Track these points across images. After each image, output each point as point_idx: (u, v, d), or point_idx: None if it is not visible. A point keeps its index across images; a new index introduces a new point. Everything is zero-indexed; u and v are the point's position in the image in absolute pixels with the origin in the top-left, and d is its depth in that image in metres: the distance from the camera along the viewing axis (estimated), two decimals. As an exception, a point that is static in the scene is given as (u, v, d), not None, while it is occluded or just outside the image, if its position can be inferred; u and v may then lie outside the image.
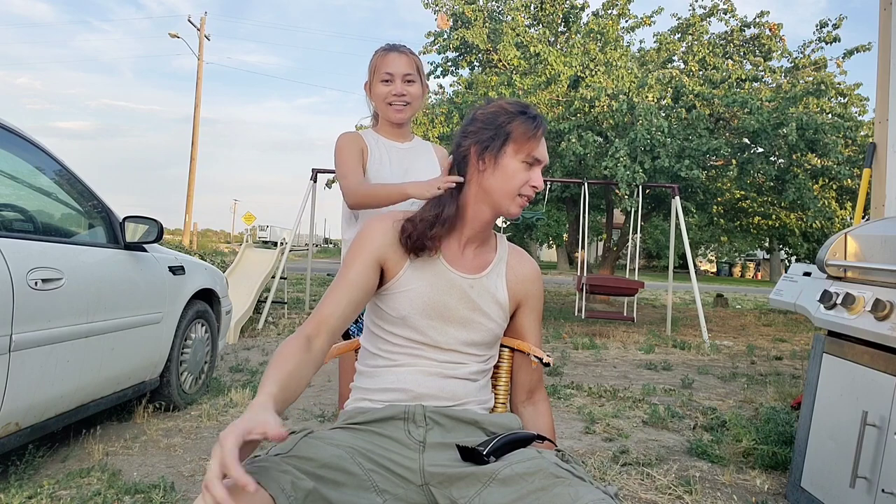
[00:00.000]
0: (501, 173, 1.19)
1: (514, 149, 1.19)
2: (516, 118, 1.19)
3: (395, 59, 1.73)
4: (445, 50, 10.88)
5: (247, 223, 26.24)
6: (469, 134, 1.23)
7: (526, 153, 1.19)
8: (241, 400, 3.58)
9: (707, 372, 5.35)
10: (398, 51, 1.76)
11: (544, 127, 1.22)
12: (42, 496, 2.17)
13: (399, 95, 1.73)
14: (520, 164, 1.19)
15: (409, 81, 1.74)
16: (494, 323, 1.26)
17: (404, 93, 1.73)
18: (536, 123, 1.20)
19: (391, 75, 1.72)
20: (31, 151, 2.48)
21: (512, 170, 1.19)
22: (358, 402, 1.25)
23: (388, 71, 1.72)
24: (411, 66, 1.75)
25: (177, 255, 3.37)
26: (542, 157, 1.21)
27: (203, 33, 22.41)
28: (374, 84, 1.77)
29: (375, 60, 1.77)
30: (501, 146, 1.19)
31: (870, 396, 2.04)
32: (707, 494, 2.51)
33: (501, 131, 1.19)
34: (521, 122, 1.19)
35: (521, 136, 1.18)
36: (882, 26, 3.20)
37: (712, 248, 27.66)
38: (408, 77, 1.74)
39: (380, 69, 1.74)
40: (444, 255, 1.24)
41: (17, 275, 2.05)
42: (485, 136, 1.20)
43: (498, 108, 1.22)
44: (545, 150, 1.23)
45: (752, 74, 9.91)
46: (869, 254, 2.19)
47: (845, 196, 10.15)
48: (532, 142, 1.19)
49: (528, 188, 1.21)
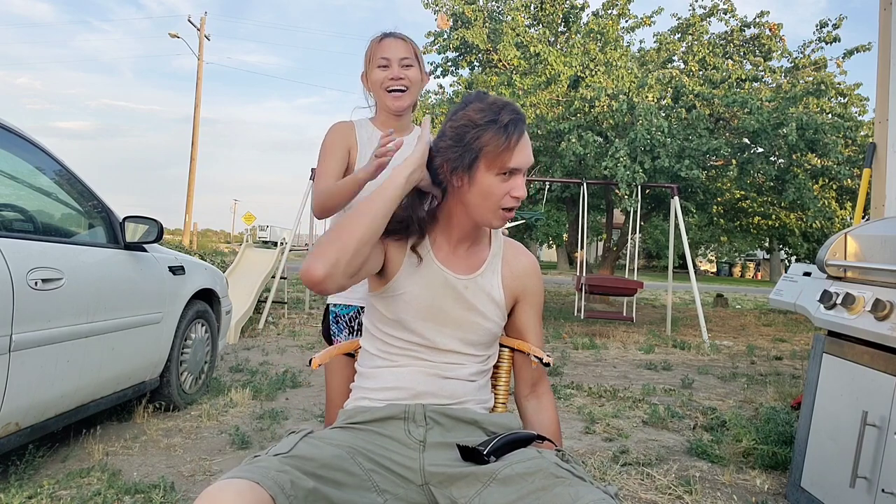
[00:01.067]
0: (477, 190, 1.13)
1: (487, 164, 1.11)
2: (486, 131, 1.10)
3: (391, 44, 1.65)
4: (445, 50, 10.88)
5: (247, 223, 26.23)
6: (440, 151, 1.16)
7: (499, 167, 1.12)
8: (241, 400, 3.58)
9: (707, 372, 5.35)
10: (394, 36, 1.67)
11: (520, 131, 1.12)
12: (42, 496, 2.17)
13: (397, 79, 1.63)
14: (495, 178, 1.12)
15: (407, 66, 1.65)
16: (492, 322, 1.26)
17: (402, 76, 1.63)
18: (508, 133, 1.10)
19: (388, 60, 1.63)
20: (31, 151, 2.48)
21: (487, 185, 1.12)
22: (358, 400, 1.25)
23: (385, 56, 1.63)
24: (408, 51, 1.66)
25: (177, 255, 3.37)
26: (519, 165, 1.13)
27: (203, 33, 22.41)
28: (370, 71, 1.67)
29: (371, 48, 1.68)
30: (472, 164, 1.11)
31: (870, 396, 2.04)
32: (707, 494, 2.51)
33: (470, 148, 1.11)
34: (492, 136, 1.10)
35: (491, 152, 1.10)
36: (882, 26, 3.20)
37: (712, 248, 27.66)
38: (405, 61, 1.64)
39: (376, 55, 1.65)
40: (437, 257, 1.23)
41: (17, 275, 2.05)
42: (454, 155, 1.13)
43: (466, 121, 1.12)
44: (524, 154, 1.13)
45: (752, 74, 9.92)
46: (869, 254, 2.19)
47: (845, 196, 10.15)
48: (505, 154, 1.10)
49: (508, 199, 1.14)
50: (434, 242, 1.25)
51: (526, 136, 1.15)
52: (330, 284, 1.07)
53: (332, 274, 1.06)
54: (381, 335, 1.24)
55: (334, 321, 1.70)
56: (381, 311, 1.23)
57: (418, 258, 1.22)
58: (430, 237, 1.25)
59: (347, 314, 1.68)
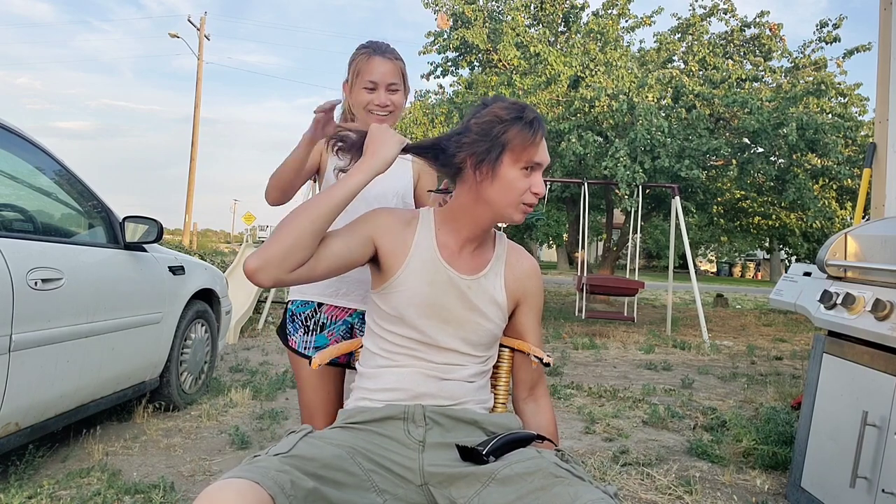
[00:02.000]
0: (500, 184, 1.16)
1: (513, 158, 1.15)
2: (512, 126, 1.14)
3: (380, 66, 1.59)
4: (445, 50, 10.88)
5: (247, 223, 26.23)
6: (463, 146, 1.17)
7: (525, 161, 1.16)
8: (241, 400, 3.58)
9: (707, 372, 5.35)
10: (383, 55, 1.62)
11: (543, 129, 1.17)
12: (42, 496, 2.17)
13: (382, 106, 1.60)
14: (519, 171, 1.16)
15: (394, 90, 1.61)
16: (493, 323, 1.26)
17: (388, 103, 1.60)
18: (534, 129, 1.15)
19: (375, 84, 1.59)
20: (31, 151, 2.48)
21: (511, 179, 1.16)
22: (358, 401, 1.25)
23: (372, 80, 1.59)
24: (396, 75, 1.62)
25: (177, 255, 3.37)
26: (542, 161, 1.18)
27: (203, 33, 22.41)
28: (354, 88, 1.63)
29: (358, 63, 1.62)
30: (498, 157, 1.14)
31: (870, 396, 2.04)
32: (707, 494, 2.51)
33: (497, 142, 1.14)
34: (519, 131, 1.14)
35: (518, 146, 1.14)
36: (882, 26, 3.20)
37: (712, 248, 27.65)
38: (392, 86, 1.61)
39: (363, 75, 1.60)
40: (442, 255, 1.24)
41: (17, 275, 2.05)
42: (480, 149, 1.15)
43: (493, 117, 1.16)
44: (545, 151, 1.19)
45: (752, 74, 9.91)
46: (869, 254, 2.18)
47: (845, 196, 10.15)
48: (531, 148, 1.15)
49: (529, 195, 1.18)
50: (440, 241, 1.25)
51: (543, 142, 1.19)
52: (262, 277, 1.08)
53: (264, 267, 1.08)
54: (382, 332, 1.25)
55: (290, 319, 1.65)
56: (383, 308, 1.23)
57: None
58: (436, 235, 1.25)
59: (303, 312, 1.63)
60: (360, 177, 1.15)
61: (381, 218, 1.24)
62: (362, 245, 1.20)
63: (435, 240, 1.24)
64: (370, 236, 1.21)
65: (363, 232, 1.21)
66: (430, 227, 1.26)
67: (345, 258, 1.17)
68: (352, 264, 1.20)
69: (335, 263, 1.16)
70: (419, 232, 1.25)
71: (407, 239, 1.23)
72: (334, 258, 1.16)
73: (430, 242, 1.24)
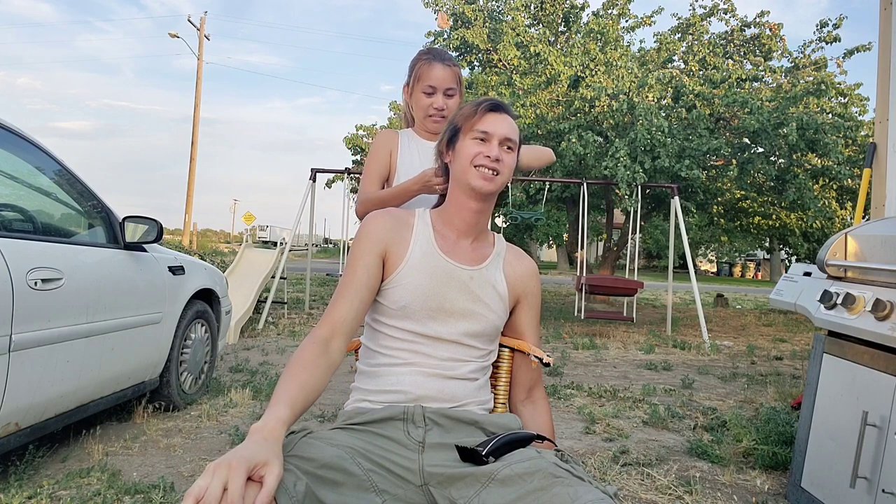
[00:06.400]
0: (458, 157, 1.29)
1: (463, 133, 1.29)
2: (461, 109, 1.33)
3: (439, 72, 1.74)
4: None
5: (247, 223, 26.26)
6: (441, 149, 1.37)
7: (471, 131, 1.28)
8: (241, 400, 3.58)
9: (707, 372, 5.35)
10: (443, 62, 1.76)
11: (491, 105, 1.29)
12: (42, 496, 2.17)
13: (440, 109, 1.75)
14: (470, 141, 1.27)
15: (450, 95, 1.76)
16: (495, 314, 1.27)
17: (444, 107, 1.75)
18: (479, 104, 1.30)
19: (434, 88, 1.74)
20: (31, 151, 2.48)
21: (463, 148, 1.28)
22: (357, 402, 1.25)
23: (432, 84, 1.73)
24: (454, 80, 1.76)
25: (176, 255, 3.37)
26: (490, 130, 1.26)
27: (203, 33, 22.41)
28: (415, 92, 1.78)
29: (420, 68, 1.76)
30: (454, 136, 1.32)
31: (870, 396, 2.04)
32: (707, 494, 2.51)
33: (451, 126, 1.33)
34: (466, 110, 1.31)
35: (465, 122, 1.29)
36: (882, 26, 3.20)
37: (712, 248, 27.64)
38: (449, 91, 1.76)
39: (423, 80, 1.75)
40: (441, 248, 1.27)
41: (16, 275, 2.05)
42: (446, 138, 1.34)
43: (455, 112, 1.36)
44: (496, 123, 1.27)
45: (752, 74, 9.91)
46: (869, 254, 2.18)
47: (845, 196, 10.15)
48: (471, 120, 1.28)
49: (481, 158, 1.26)
50: (438, 233, 1.29)
51: (502, 114, 1.30)
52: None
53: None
54: (384, 328, 1.25)
55: None
56: (384, 304, 1.24)
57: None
58: (433, 230, 1.29)
59: None
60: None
61: (380, 222, 1.27)
62: (378, 256, 1.24)
63: (433, 234, 1.29)
64: (378, 245, 1.24)
65: (373, 249, 1.24)
66: (427, 222, 1.31)
67: (374, 283, 1.23)
68: (378, 281, 1.24)
69: (370, 297, 1.23)
70: (417, 228, 1.29)
71: (406, 236, 1.27)
72: (368, 292, 1.22)
73: (427, 237, 1.28)
